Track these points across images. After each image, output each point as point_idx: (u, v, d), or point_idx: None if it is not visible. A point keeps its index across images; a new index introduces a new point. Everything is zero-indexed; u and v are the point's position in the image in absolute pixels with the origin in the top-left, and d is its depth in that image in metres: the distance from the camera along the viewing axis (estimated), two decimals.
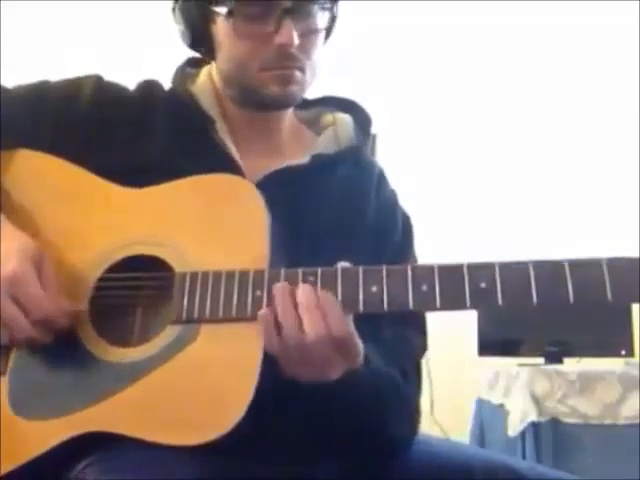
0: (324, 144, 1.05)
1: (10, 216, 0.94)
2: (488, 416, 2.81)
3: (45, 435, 0.83)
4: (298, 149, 1.04)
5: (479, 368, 2.85)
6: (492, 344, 2.76)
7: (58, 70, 1.12)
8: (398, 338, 0.97)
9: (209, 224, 0.89)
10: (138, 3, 3.28)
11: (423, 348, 1.02)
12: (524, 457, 2.40)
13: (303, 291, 0.80)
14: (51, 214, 0.96)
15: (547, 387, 2.44)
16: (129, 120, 1.00)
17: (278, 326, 0.79)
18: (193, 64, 1.09)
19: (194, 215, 0.90)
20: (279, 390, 0.81)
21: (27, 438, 0.84)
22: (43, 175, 0.98)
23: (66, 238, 0.93)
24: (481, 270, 0.78)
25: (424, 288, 0.79)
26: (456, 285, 0.78)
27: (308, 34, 0.97)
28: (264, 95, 0.97)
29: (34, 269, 0.86)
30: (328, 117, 1.09)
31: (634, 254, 0.74)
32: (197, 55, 1.05)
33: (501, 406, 2.63)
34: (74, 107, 1.00)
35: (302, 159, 1.01)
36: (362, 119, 1.09)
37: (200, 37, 1.00)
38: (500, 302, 0.77)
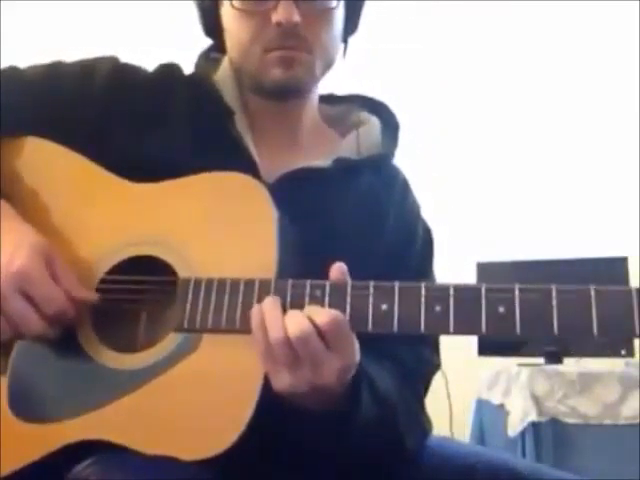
0: (347, 147, 0.99)
1: (15, 204, 0.90)
2: (488, 416, 2.80)
3: (43, 440, 0.82)
4: (319, 149, 0.99)
5: (479, 368, 2.85)
6: (492, 344, 2.75)
7: None
8: (414, 358, 0.95)
9: (216, 226, 0.86)
10: (139, 3, 3.28)
11: (437, 367, 1.00)
12: (524, 457, 2.39)
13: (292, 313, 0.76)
14: (57, 205, 0.93)
15: (547, 387, 2.43)
16: (143, 106, 0.96)
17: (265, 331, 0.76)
18: (218, 50, 1.02)
19: (201, 216, 0.87)
20: (279, 410, 0.78)
21: (25, 441, 0.83)
22: (51, 165, 0.95)
23: (70, 232, 0.90)
24: (500, 293, 0.72)
25: (437, 309, 0.73)
26: (472, 308, 0.72)
27: (315, 13, 0.91)
28: (266, 79, 0.92)
29: (44, 264, 0.83)
30: (355, 118, 1.03)
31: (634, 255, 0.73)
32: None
33: (501, 406, 2.63)
34: (87, 93, 0.96)
35: (323, 161, 0.96)
36: (391, 124, 1.04)
37: (211, 23, 0.97)
38: (518, 331, 0.71)
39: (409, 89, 3.38)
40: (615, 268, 2.77)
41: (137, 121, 0.95)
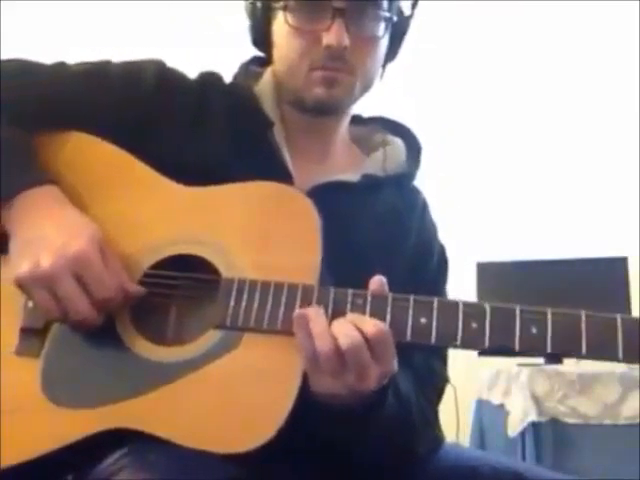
0: (373, 165, 1.04)
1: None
2: (488, 416, 2.80)
3: (75, 425, 0.82)
4: (347, 165, 1.04)
5: (479, 368, 2.85)
6: None
7: None
8: (427, 369, 0.98)
9: (261, 232, 0.89)
10: (139, 3, 3.28)
11: (447, 381, 1.03)
12: (524, 457, 2.40)
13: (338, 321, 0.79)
14: (103, 201, 0.94)
15: (547, 387, 2.43)
16: (185, 111, 0.98)
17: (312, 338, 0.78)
18: (259, 63, 1.07)
19: (247, 221, 0.90)
20: (312, 410, 0.79)
21: (57, 425, 0.83)
22: (96, 159, 0.97)
23: (116, 227, 0.92)
24: (533, 314, 0.77)
25: (474, 326, 0.78)
26: (507, 327, 0.77)
27: (363, 39, 0.95)
28: (307, 97, 0.96)
29: (99, 251, 0.85)
30: (379, 138, 1.08)
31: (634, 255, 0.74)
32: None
33: (501, 406, 2.63)
34: (135, 93, 0.98)
35: (351, 176, 1.01)
36: (414, 146, 1.08)
37: (260, 35, 1.01)
38: (549, 350, 0.76)
39: (408, 89, 3.38)
40: (615, 268, 2.78)
41: (178, 124, 0.97)
